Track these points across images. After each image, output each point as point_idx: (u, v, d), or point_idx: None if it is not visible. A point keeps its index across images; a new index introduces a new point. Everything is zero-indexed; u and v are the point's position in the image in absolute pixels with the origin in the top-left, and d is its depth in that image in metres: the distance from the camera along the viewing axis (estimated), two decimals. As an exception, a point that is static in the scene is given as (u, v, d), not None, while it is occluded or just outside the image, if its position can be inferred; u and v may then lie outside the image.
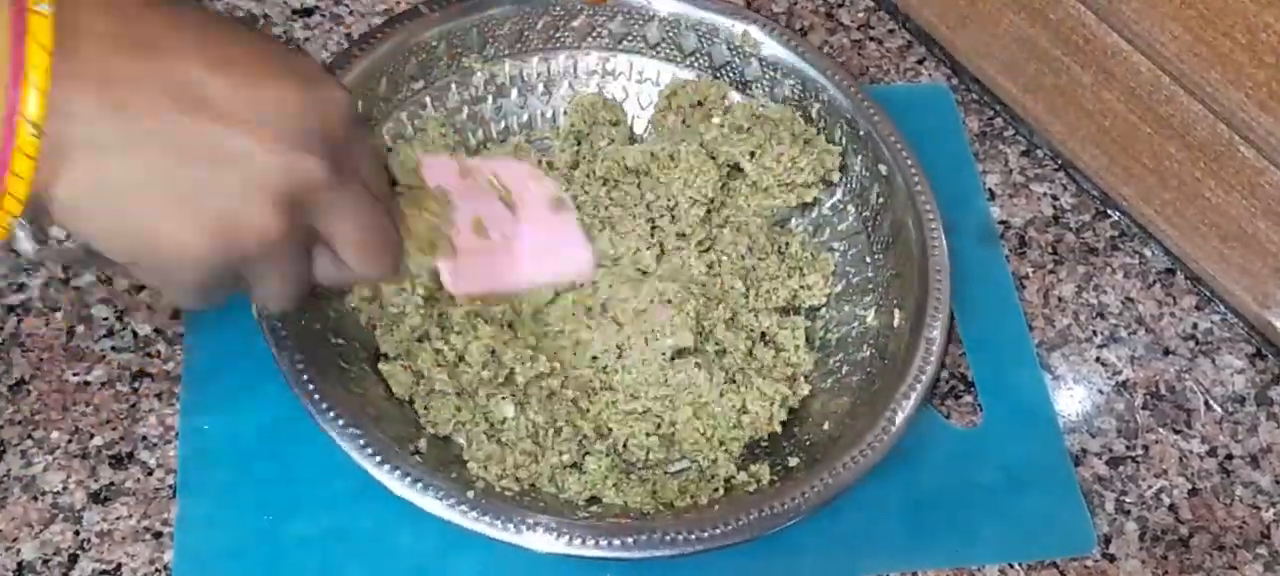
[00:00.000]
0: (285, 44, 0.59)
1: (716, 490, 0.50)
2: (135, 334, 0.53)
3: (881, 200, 0.57)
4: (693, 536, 0.46)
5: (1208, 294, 0.62)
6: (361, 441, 0.46)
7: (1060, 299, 0.61)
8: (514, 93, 0.60)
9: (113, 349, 0.52)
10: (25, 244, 0.39)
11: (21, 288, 0.53)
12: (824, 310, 0.57)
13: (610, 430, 0.52)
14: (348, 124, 0.40)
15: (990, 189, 0.65)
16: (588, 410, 0.52)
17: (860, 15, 0.71)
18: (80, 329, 0.53)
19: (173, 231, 0.37)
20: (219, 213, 0.37)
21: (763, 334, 0.55)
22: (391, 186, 0.47)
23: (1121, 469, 0.56)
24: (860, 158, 0.58)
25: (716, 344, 0.54)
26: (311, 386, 0.46)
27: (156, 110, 0.35)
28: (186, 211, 0.36)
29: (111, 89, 0.35)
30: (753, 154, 0.57)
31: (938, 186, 0.56)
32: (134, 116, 0.35)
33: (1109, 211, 0.65)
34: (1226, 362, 0.60)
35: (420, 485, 0.45)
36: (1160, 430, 0.58)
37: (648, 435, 0.52)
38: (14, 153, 0.33)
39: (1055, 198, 0.65)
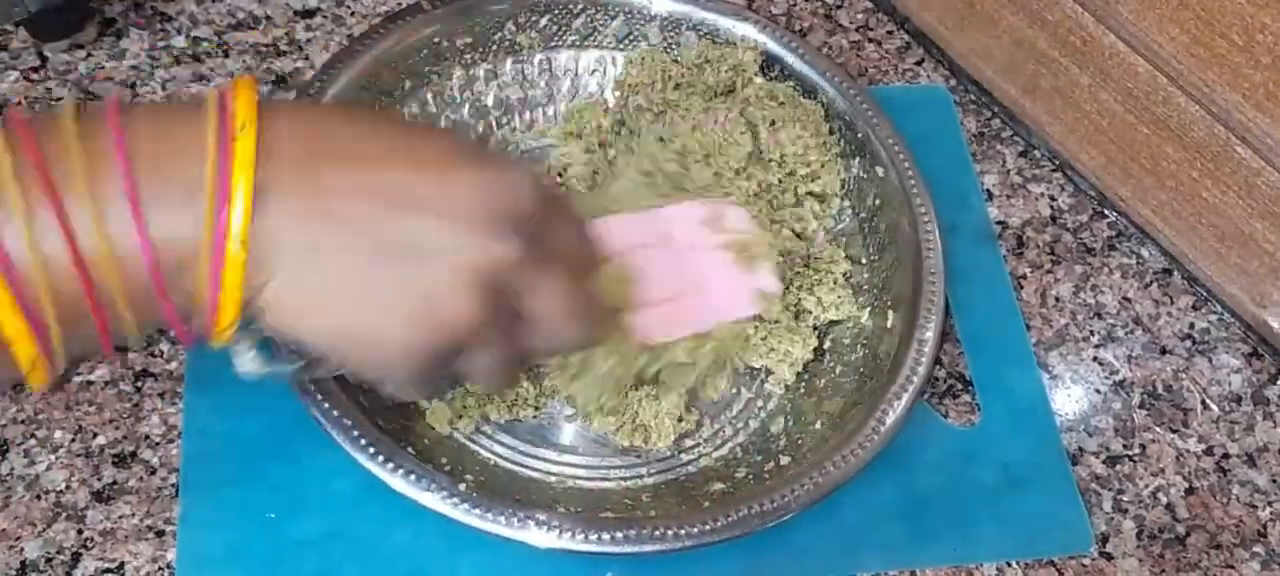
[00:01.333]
0: (468, 136, 0.60)
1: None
2: (138, 333, 0.53)
3: (877, 202, 0.57)
4: (684, 531, 0.46)
5: (1205, 293, 0.62)
6: (361, 439, 0.46)
7: (1058, 298, 0.62)
8: (515, 90, 0.61)
9: (116, 348, 0.53)
10: (250, 365, 0.41)
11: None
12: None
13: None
14: (538, 203, 0.40)
15: (988, 189, 0.65)
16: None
17: (859, 16, 0.71)
18: (83, 328, 0.53)
19: (379, 326, 0.38)
20: (421, 303, 0.38)
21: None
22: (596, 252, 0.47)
23: (1119, 467, 0.56)
24: (857, 159, 0.58)
25: None
26: (312, 385, 0.47)
27: (358, 212, 0.37)
28: (390, 305, 0.38)
29: (314, 199, 0.36)
30: (773, 123, 0.57)
31: (936, 187, 0.56)
32: (337, 220, 0.37)
33: (1106, 211, 0.65)
34: (1223, 362, 0.61)
35: (416, 478, 0.45)
36: (1157, 429, 0.58)
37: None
38: (225, 271, 0.35)
39: (1053, 198, 0.65)
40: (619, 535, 0.46)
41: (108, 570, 0.48)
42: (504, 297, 0.40)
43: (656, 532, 0.46)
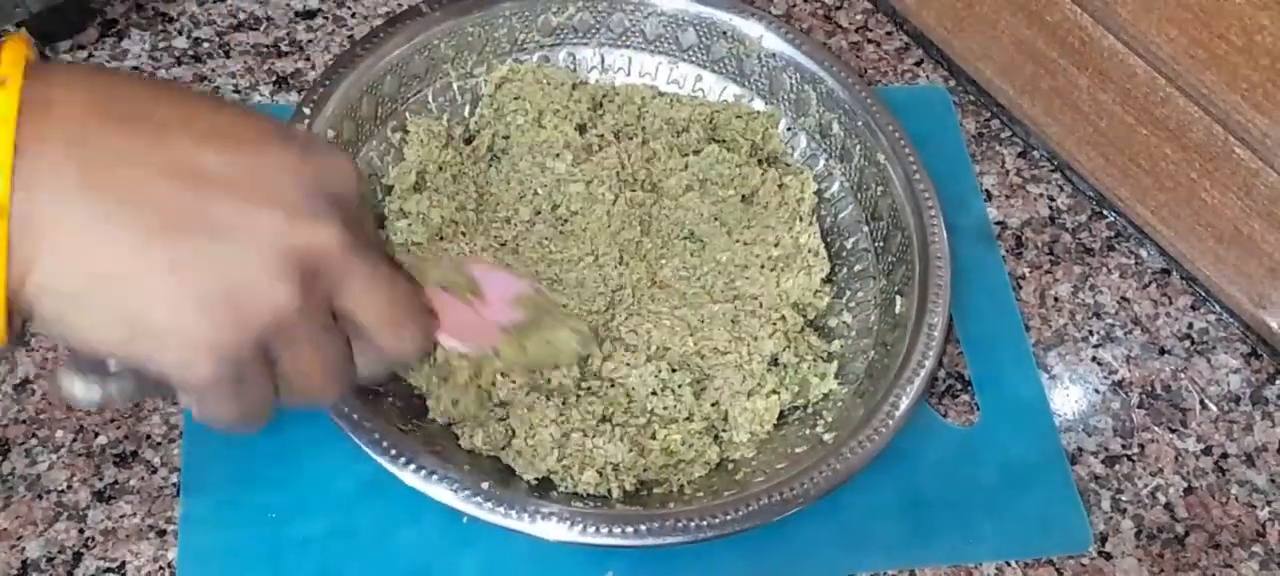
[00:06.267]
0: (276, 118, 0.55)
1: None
2: (139, 333, 0.53)
3: (880, 189, 0.58)
4: (699, 523, 0.46)
5: (1203, 294, 0.63)
6: (375, 435, 0.46)
7: (1057, 299, 0.62)
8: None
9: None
10: (81, 390, 0.35)
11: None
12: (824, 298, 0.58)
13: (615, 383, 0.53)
14: (355, 192, 0.37)
15: (987, 190, 0.65)
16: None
17: (858, 17, 0.71)
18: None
19: (171, 314, 0.33)
20: (222, 287, 0.33)
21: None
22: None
23: (1118, 467, 0.56)
24: (859, 148, 0.59)
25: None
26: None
27: (144, 182, 0.33)
28: (184, 290, 0.33)
29: (91, 163, 0.32)
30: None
31: (935, 187, 0.57)
32: (119, 190, 0.32)
33: (1105, 212, 0.65)
34: (1222, 362, 0.61)
35: (426, 474, 0.45)
36: (1156, 429, 0.58)
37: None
38: None
39: (1052, 198, 0.65)
40: (632, 528, 0.45)
41: (109, 569, 0.48)
42: (319, 289, 0.35)
43: (673, 525, 0.46)
